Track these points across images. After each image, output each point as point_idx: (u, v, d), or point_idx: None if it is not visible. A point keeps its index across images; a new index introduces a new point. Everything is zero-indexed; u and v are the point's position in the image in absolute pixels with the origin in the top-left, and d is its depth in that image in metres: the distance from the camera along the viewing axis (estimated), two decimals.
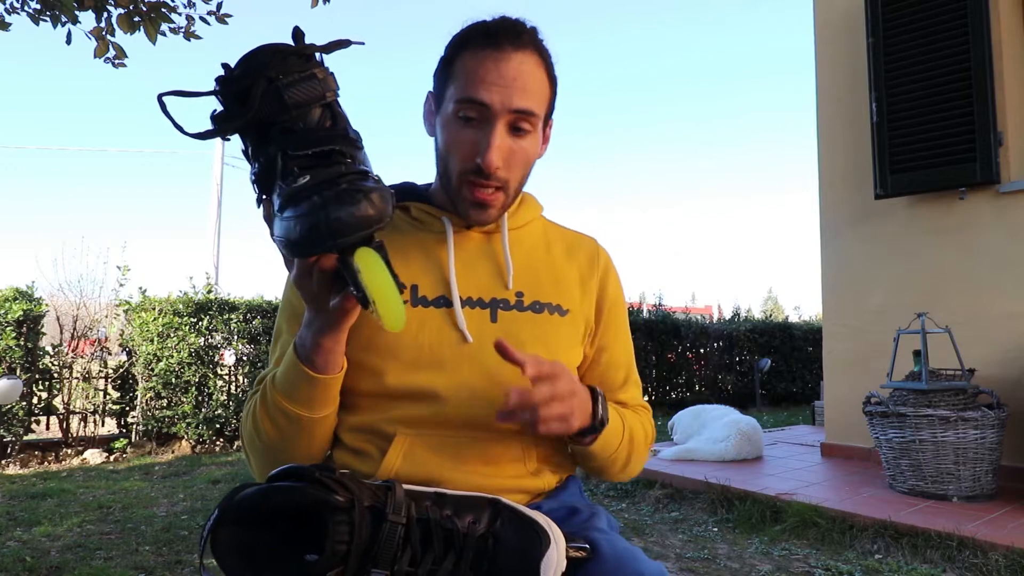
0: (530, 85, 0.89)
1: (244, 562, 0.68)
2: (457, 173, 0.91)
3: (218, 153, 14.80)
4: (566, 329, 0.97)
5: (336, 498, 0.66)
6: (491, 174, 0.89)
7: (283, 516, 0.69)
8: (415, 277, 0.93)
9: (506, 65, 0.88)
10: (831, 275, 4.40)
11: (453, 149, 0.91)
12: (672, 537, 3.03)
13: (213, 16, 3.52)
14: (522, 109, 0.88)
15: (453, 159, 0.91)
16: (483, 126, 0.88)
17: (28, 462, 5.20)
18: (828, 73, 4.49)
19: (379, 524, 0.67)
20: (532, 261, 1.00)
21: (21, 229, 59.19)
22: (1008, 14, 3.78)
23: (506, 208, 0.96)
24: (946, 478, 3.10)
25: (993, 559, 2.45)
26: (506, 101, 0.87)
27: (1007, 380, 3.49)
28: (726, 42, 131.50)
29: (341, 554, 0.65)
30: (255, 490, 0.68)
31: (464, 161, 0.90)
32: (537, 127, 0.92)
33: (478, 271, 0.96)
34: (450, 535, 0.70)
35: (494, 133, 0.88)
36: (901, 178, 3.86)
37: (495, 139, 0.88)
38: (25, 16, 3.29)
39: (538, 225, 1.05)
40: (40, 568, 2.70)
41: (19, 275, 15.88)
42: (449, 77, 0.91)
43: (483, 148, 0.88)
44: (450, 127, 0.91)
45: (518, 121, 0.89)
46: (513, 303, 0.95)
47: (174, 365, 5.71)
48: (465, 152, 0.89)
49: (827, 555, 2.72)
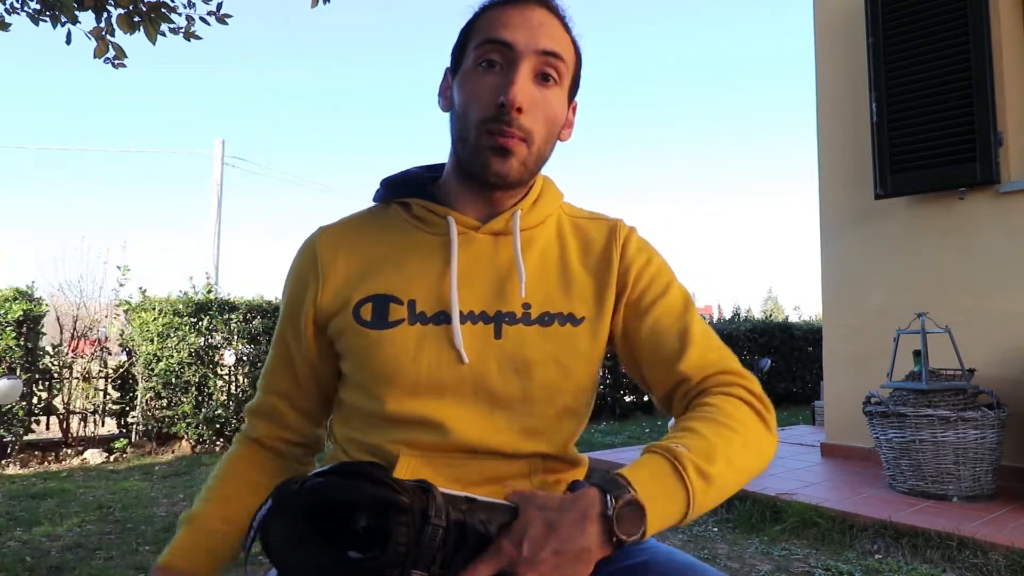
0: (556, 35, 0.84)
1: (293, 554, 0.68)
2: (476, 123, 0.82)
3: (218, 153, 14.80)
4: (581, 341, 0.86)
5: (402, 499, 0.66)
6: (513, 117, 0.80)
7: (334, 511, 0.69)
8: (413, 290, 0.86)
9: (531, 13, 0.83)
10: (831, 275, 4.40)
11: (473, 98, 0.82)
12: (672, 537, 3.03)
13: (213, 16, 3.52)
14: (549, 50, 0.82)
15: (472, 109, 0.82)
16: (506, 70, 0.82)
17: (28, 462, 5.20)
18: (828, 73, 4.49)
19: (422, 526, 0.67)
20: (543, 266, 0.89)
21: (21, 229, 59.21)
22: (1008, 14, 3.78)
23: (529, 169, 0.85)
24: (946, 478, 3.10)
25: (993, 559, 2.45)
26: (531, 42, 0.81)
27: (1007, 380, 3.49)
28: (726, 41, 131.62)
29: (400, 556, 0.65)
30: (319, 483, 0.68)
31: (484, 107, 0.81)
32: (564, 83, 0.86)
33: (483, 280, 0.87)
34: (484, 539, 0.70)
35: (518, 71, 0.81)
36: (901, 178, 3.86)
37: (519, 77, 0.80)
38: (25, 16, 3.30)
39: (554, 220, 0.94)
40: (40, 568, 2.70)
41: (19, 275, 15.88)
42: (468, 38, 0.86)
43: (505, 86, 0.80)
44: (470, 78, 0.83)
45: (544, 66, 0.82)
46: (520, 316, 0.85)
47: (174, 365, 5.71)
48: (486, 97, 0.81)
49: (827, 555, 2.72)
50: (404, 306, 0.85)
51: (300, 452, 0.99)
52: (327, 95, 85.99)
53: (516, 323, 0.85)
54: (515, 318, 0.85)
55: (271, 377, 0.96)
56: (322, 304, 0.89)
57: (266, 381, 0.97)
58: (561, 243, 0.92)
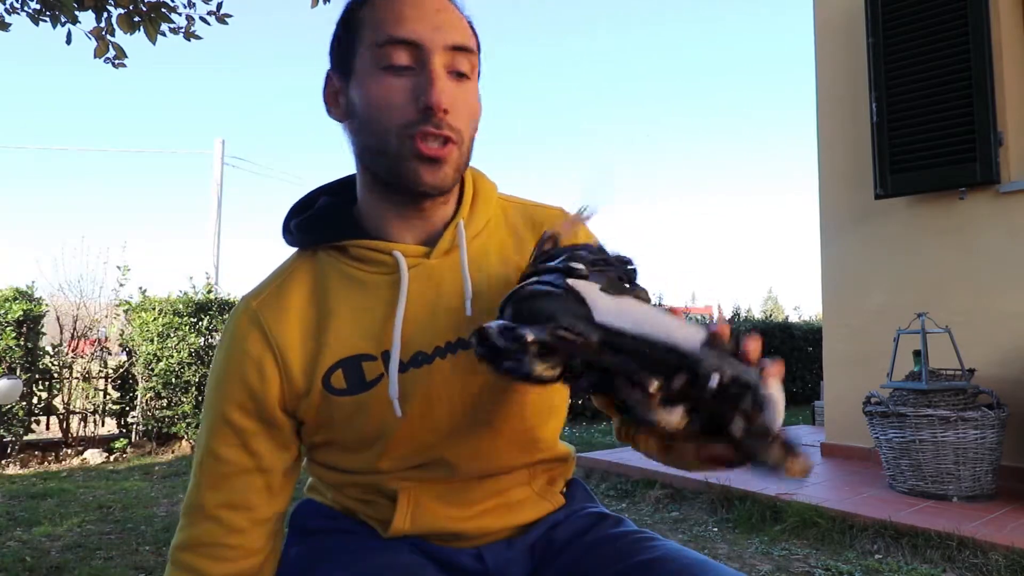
0: (456, 22, 0.76)
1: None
2: (396, 131, 0.73)
3: (218, 153, 14.80)
4: None
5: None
6: (440, 119, 0.72)
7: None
8: (383, 341, 0.77)
9: (424, 0, 0.74)
10: (831, 275, 4.39)
11: (383, 105, 0.73)
12: (672, 537, 3.03)
13: (213, 16, 3.52)
14: (459, 44, 0.74)
15: (386, 116, 0.73)
16: (416, 70, 0.73)
17: (28, 462, 5.20)
18: (828, 73, 4.49)
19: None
20: (506, 271, 0.82)
21: (21, 229, 59.16)
22: (1008, 14, 3.78)
23: (459, 171, 0.78)
24: (946, 478, 3.10)
25: (993, 559, 2.45)
26: (437, 37, 0.73)
27: (1007, 380, 3.49)
28: (726, 41, 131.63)
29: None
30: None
31: (402, 112, 0.72)
32: (475, 75, 0.78)
33: (454, 305, 0.79)
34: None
35: (434, 72, 0.72)
36: (901, 178, 3.86)
37: (437, 78, 0.72)
38: (25, 16, 3.30)
39: (500, 217, 0.87)
40: (40, 568, 2.70)
41: (19, 275, 15.88)
42: (354, 35, 0.76)
43: (425, 88, 0.72)
44: (372, 83, 0.74)
45: (456, 61, 0.74)
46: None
47: (174, 365, 5.71)
48: (400, 100, 0.72)
49: (827, 555, 2.72)
50: (379, 361, 0.77)
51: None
52: None
53: (470, 347, 0.79)
54: (468, 343, 0.80)
55: (212, 493, 0.79)
56: (291, 387, 0.78)
57: (205, 500, 0.79)
58: (517, 240, 0.86)
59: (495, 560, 0.85)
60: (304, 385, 0.78)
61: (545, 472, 0.89)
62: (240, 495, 0.79)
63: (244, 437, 0.79)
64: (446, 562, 0.84)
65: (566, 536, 0.87)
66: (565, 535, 0.87)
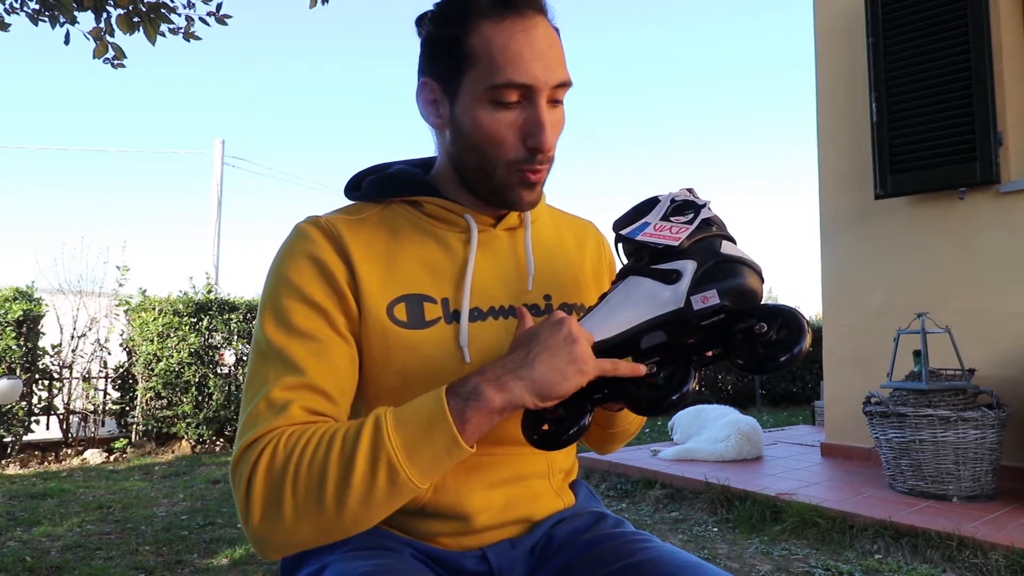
0: (560, 53, 0.81)
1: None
2: (505, 163, 0.81)
3: (218, 153, 14.80)
4: None
5: None
6: (548, 157, 0.82)
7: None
8: (444, 289, 0.83)
9: (535, 33, 0.78)
10: (831, 275, 4.39)
11: (494, 140, 0.80)
12: (672, 537, 3.03)
13: (213, 16, 3.52)
14: (563, 82, 0.81)
15: (496, 151, 0.80)
16: (525, 106, 0.79)
17: (28, 462, 5.21)
18: (828, 73, 4.48)
19: None
20: (554, 259, 0.93)
21: (21, 229, 59.12)
22: (1008, 14, 3.77)
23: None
24: (946, 478, 3.10)
25: (993, 559, 2.45)
26: (548, 77, 0.78)
27: (1007, 380, 3.49)
28: (726, 41, 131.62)
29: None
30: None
31: (512, 149, 0.80)
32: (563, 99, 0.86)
33: (509, 275, 0.88)
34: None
35: (542, 112, 0.79)
36: (901, 178, 3.86)
37: (545, 118, 0.79)
38: (24, 16, 3.30)
39: (545, 214, 0.98)
40: (40, 568, 2.70)
41: (19, 275, 15.86)
42: (465, 59, 0.79)
43: (535, 129, 0.79)
44: (483, 115, 0.79)
45: (556, 93, 0.81)
46: (544, 308, 0.88)
47: (174, 365, 5.72)
48: (511, 138, 0.80)
49: (827, 555, 2.72)
50: (438, 304, 0.82)
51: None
52: (327, 95, 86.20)
53: (540, 315, 0.88)
54: (539, 310, 0.88)
55: (294, 375, 0.74)
56: (360, 305, 0.80)
57: (285, 381, 0.74)
58: (560, 236, 0.97)
59: (499, 560, 0.86)
60: (369, 304, 0.80)
61: (560, 471, 0.93)
62: (333, 375, 0.76)
63: (329, 317, 0.78)
64: (450, 565, 0.84)
65: (565, 535, 0.88)
66: (564, 534, 0.89)
